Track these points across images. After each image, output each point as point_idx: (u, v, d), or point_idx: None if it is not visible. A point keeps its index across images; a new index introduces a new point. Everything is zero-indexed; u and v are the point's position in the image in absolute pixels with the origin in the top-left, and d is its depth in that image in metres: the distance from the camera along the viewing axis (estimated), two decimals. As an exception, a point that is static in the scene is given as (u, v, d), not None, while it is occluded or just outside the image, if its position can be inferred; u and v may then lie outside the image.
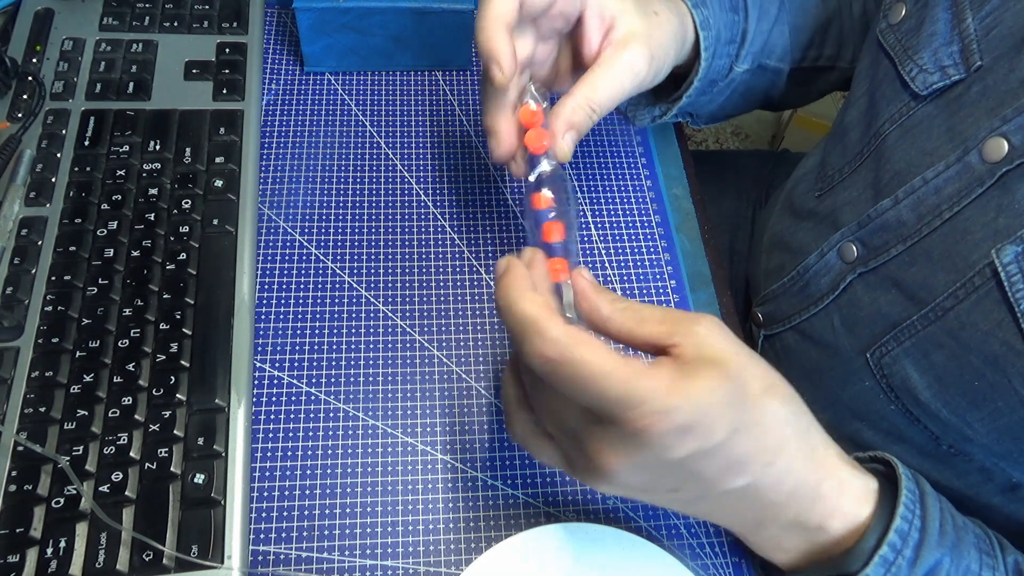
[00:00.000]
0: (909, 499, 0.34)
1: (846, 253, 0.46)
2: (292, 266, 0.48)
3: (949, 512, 0.35)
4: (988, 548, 0.35)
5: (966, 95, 0.40)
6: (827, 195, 0.50)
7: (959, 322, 0.38)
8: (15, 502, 0.37)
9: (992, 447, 0.40)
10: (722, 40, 0.48)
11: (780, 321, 0.53)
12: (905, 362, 0.42)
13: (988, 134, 0.38)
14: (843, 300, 0.47)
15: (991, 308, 0.37)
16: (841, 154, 0.49)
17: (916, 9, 0.44)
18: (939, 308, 0.40)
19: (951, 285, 0.39)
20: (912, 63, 0.43)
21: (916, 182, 0.41)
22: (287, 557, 0.39)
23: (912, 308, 0.41)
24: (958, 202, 0.39)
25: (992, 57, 0.39)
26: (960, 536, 0.34)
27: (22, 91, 0.49)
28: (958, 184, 0.39)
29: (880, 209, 0.43)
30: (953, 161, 0.39)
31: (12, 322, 0.41)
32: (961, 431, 0.41)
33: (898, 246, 0.42)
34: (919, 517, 0.33)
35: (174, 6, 0.55)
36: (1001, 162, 0.37)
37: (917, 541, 0.33)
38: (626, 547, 0.38)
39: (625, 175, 0.54)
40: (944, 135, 0.41)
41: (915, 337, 0.41)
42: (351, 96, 0.55)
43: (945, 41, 0.41)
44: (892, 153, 0.44)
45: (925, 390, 0.41)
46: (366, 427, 0.43)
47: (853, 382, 0.46)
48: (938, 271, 0.40)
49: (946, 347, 0.39)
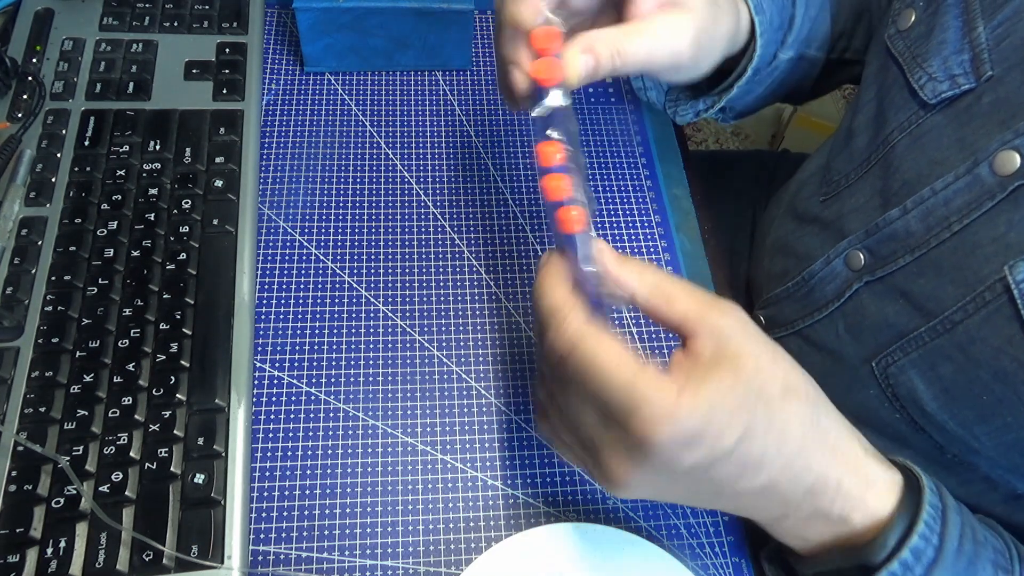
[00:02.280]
0: (930, 514, 0.33)
1: (853, 261, 0.46)
2: (292, 266, 0.48)
3: (970, 526, 0.35)
4: (1006, 563, 0.35)
5: (976, 105, 0.39)
6: (832, 200, 0.50)
7: (968, 336, 0.38)
8: (15, 502, 0.37)
9: (998, 460, 0.40)
10: (773, 25, 0.47)
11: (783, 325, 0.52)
12: (911, 373, 0.42)
13: (1000, 147, 0.37)
14: (848, 308, 0.46)
15: (1002, 324, 0.36)
16: (847, 159, 0.49)
17: (926, 16, 0.43)
18: (948, 321, 0.39)
19: (960, 299, 0.38)
20: (921, 71, 0.42)
21: (925, 192, 0.41)
22: (287, 557, 0.39)
23: (920, 319, 0.41)
24: (968, 215, 0.38)
25: (1004, 67, 0.38)
26: (978, 552, 0.34)
27: (22, 91, 0.49)
28: (967, 196, 0.39)
29: (888, 219, 0.43)
30: (963, 172, 0.39)
31: (12, 322, 0.41)
32: (967, 443, 0.40)
33: (906, 256, 0.42)
34: (937, 535, 0.33)
35: (174, 6, 0.55)
36: (1013, 176, 0.36)
37: (931, 559, 0.33)
38: (626, 547, 0.38)
39: (625, 175, 0.54)
40: (954, 145, 0.40)
41: (922, 349, 0.41)
42: (351, 96, 0.55)
43: (955, 49, 0.41)
44: (901, 162, 0.43)
45: (931, 401, 0.41)
46: (366, 427, 0.43)
47: (857, 389, 0.46)
48: (947, 284, 0.39)
49: (954, 360, 0.39)
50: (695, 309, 0.31)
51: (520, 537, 0.38)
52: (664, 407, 0.28)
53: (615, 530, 0.39)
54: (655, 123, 0.57)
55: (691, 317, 0.31)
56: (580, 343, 0.30)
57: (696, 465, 0.30)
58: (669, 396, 0.28)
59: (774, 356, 0.32)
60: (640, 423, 0.29)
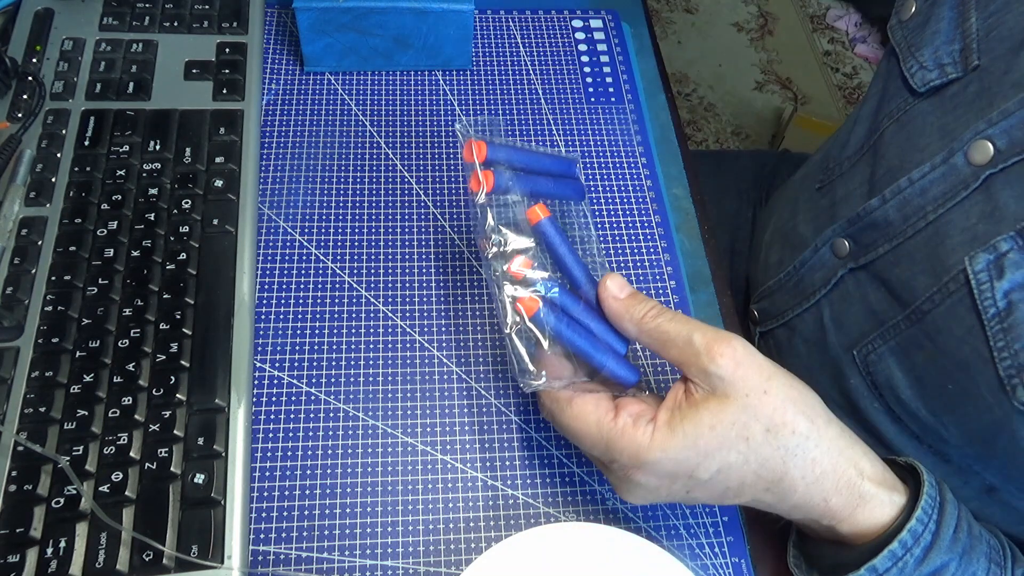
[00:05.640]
0: (928, 503, 0.34)
1: (839, 248, 0.46)
2: (292, 266, 0.48)
3: (966, 520, 0.35)
4: (999, 559, 0.35)
5: (962, 94, 0.40)
6: (827, 187, 0.50)
7: (935, 326, 0.39)
8: (15, 502, 0.37)
9: (964, 448, 0.40)
10: None
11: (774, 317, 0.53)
12: (889, 361, 0.42)
13: (974, 136, 0.37)
14: (835, 295, 0.47)
15: (963, 315, 0.37)
16: (844, 147, 0.49)
17: (925, 7, 0.44)
18: (919, 311, 0.40)
19: (929, 288, 0.39)
20: (914, 60, 0.43)
21: (903, 182, 0.41)
22: (287, 557, 0.39)
23: (897, 308, 0.42)
24: (943, 204, 0.39)
25: (990, 58, 0.38)
26: (973, 544, 0.35)
27: (22, 91, 0.49)
28: (943, 186, 0.39)
29: (869, 208, 0.43)
30: (939, 163, 0.39)
31: (12, 322, 0.41)
32: (938, 432, 0.41)
33: (885, 245, 0.43)
34: (935, 521, 0.34)
35: (174, 6, 0.55)
36: (986, 165, 0.37)
37: (928, 543, 0.34)
38: (626, 547, 0.38)
39: (625, 175, 0.54)
40: (936, 133, 0.41)
41: (899, 337, 0.41)
42: (351, 96, 0.55)
43: (947, 39, 0.41)
44: (888, 149, 0.44)
45: (906, 389, 0.41)
46: (366, 427, 0.43)
47: (841, 379, 0.46)
48: (919, 273, 0.40)
49: (925, 349, 0.40)
50: (688, 354, 0.33)
51: (520, 537, 0.38)
52: (637, 456, 0.33)
53: (615, 530, 0.39)
54: (655, 123, 0.57)
55: (682, 362, 0.34)
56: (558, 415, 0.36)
57: (679, 488, 0.34)
58: (642, 444, 0.33)
59: (764, 394, 0.33)
60: (620, 468, 0.34)
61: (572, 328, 0.35)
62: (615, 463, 0.35)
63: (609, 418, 0.34)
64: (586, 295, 0.37)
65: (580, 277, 0.37)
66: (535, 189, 0.38)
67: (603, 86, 0.58)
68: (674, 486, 0.34)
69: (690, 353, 0.33)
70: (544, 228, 0.37)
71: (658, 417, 0.34)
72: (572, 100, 0.57)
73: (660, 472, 0.33)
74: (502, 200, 0.37)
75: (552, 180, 0.40)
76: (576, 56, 0.60)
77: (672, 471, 0.33)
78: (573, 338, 0.35)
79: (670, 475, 0.34)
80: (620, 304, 0.36)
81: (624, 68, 0.60)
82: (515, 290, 0.35)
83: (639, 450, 0.33)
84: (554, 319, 0.35)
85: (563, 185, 0.40)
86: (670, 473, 0.33)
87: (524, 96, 0.57)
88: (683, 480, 0.34)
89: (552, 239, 0.37)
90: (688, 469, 0.33)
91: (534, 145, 0.51)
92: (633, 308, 0.35)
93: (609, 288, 0.36)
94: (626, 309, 0.35)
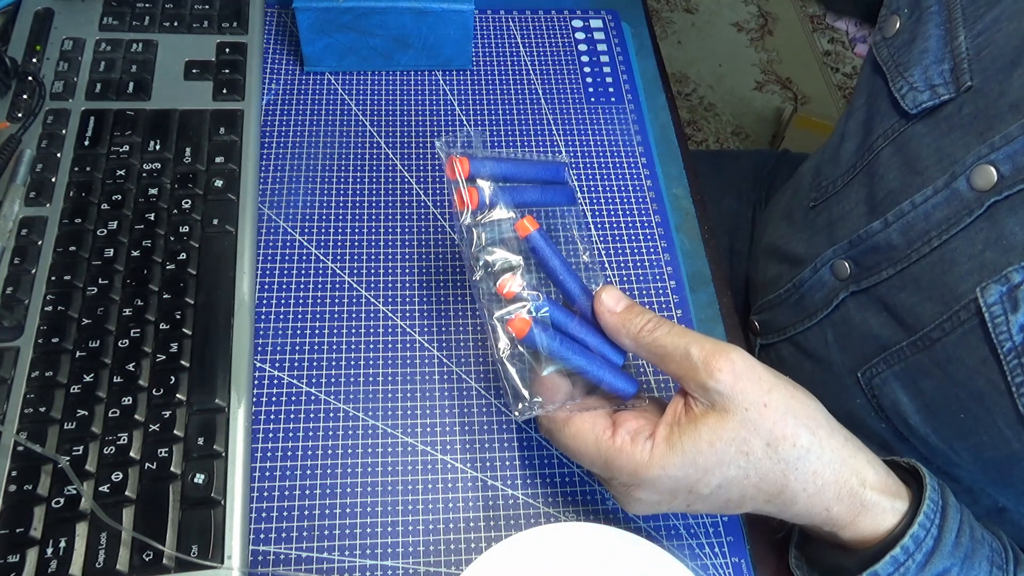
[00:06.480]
0: (930, 508, 0.34)
1: (839, 270, 0.45)
2: (292, 266, 0.48)
3: (968, 524, 0.35)
4: (1001, 562, 0.35)
5: (957, 116, 0.39)
6: (822, 206, 0.49)
7: (946, 355, 0.38)
8: (15, 502, 0.37)
9: (977, 475, 0.40)
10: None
11: (776, 331, 0.52)
12: (895, 385, 0.42)
13: (976, 160, 0.37)
14: (836, 317, 0.46)
15: (976, 345, 0.36)
16: (836, 164, 0.49)
17: (910, 24, 0.43)
18: (927, 338, 0.39)
19: (938, 316, 0.38)
20: (903, 80, 0.42)
21: (905, 206, 0.40)
22: (287, 557, 0.39)
23: (902, 334, 0.41)
24: (947, 230, 0.38)
25: (983, 77, 0.37)
26: (975, 548, 0.35)
27: (22, 91, 0.49)
28: (947, 211, 0.38)
29: (871, 231, 0.43)
30: (941, 186, 0.39)
31: (12, 322, 0.41)
32: (948, 457, 0.40)
33: (888, 269, 0.42)
34: (936, 527, 0.34)
35: (174, 6, 0.55)
36: (990, 191, 0.36)
37: (930, 548, 0.34)
38: (626, 547, 0.38)
39: (625, 175, 0.54)
40: (934, 156, 0.40)
41: (904, 363, 0.41)
42: (351, 96, 0.55)
43: (936, 59, 0.40)
44: (885, 171, 0.43)
45: (914, 414, 0.41)
46: (366, 427, 0.43)
47: (845, 398, 0.46)
48: (925, 300, 0.39)
49: (934, 377, 0.39)
50: (687, 368, 0.33)
51: (520, 537, 0.38)
52: (636, 474, 0.33)
53: (615, 530, 0.39)
54: (655, 123, 0.57)
55: (681, 376, 0.34)
56: (556, 435, 0.36)
57: (680, 502, 0.35)
58: (641, 462, 0.33)
59: (765, 407, 0.33)
60: (619, 484, 0.35)
61: (566, 345, 0.35)
62: (615, 480, 0.35)
63: (607, 436, 0.34)
64: (581, 307, 0.37)
65: (574, 289, 0.37)
66: (523, 200, 0.37)
67: (603, 86, 0.58)
68: (675, 501, 0.34)
69: (688, 367, 0.33)
70: (534, 241, 0.36)
71: (657, 433, 0.33)
72: (572, 100, 0.57)
73: (660, 488, 0.34)
74: (489, 217, 0.36)
75: (540, 188, 0.39)
76: (576, 56, 0.60)
77: (672, 488, 0.33)
78: (568, 355, 0.35)
79: (670, 491, 0.34)
80: (616, 318, 0.35)
81: (624, 68, 0.60)
82: (504, 311, 0.34)
83: (638, 468, 0.33)
84: (547, 337, 0.34)
85: (552, 192, 0.40)
86: (670, 489, 0.34)
87: (524, 96, 0.57)
88: (683, 495, 0.34)
89: (542, 252, 0.36)
90: (688, 485, 0.33)
91: (522, 152, 0.51)
92: (629, 322, 0.35)
93: (605, 302, 0.36)
94: (622, 323, 0.35)
